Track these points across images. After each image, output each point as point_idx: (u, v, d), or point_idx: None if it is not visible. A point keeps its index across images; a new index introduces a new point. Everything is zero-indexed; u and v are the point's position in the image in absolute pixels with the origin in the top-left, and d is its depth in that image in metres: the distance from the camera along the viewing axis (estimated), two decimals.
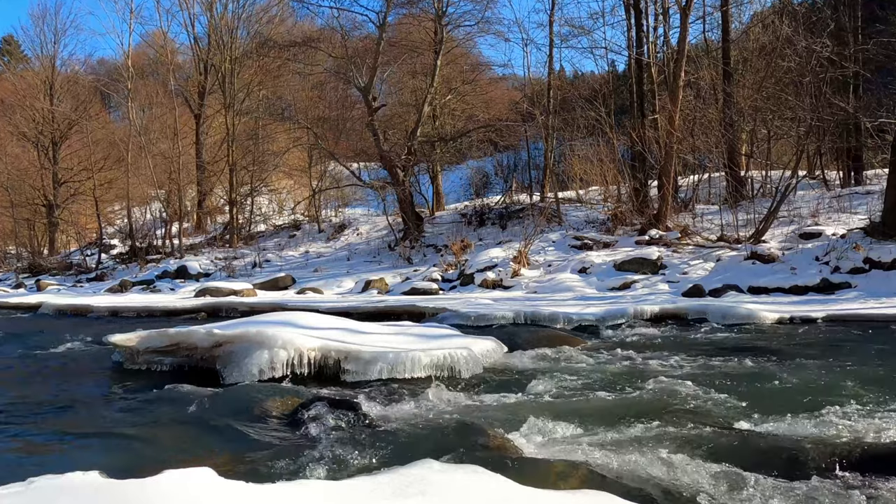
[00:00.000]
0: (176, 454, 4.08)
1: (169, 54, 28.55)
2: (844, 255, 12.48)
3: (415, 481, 3.03)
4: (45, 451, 4.45)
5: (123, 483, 2.74)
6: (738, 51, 20.42)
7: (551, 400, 5.33)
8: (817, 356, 6.73)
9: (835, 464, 3.66)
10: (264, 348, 6.24)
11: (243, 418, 4.90)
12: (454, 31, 22.45)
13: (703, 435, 4.23)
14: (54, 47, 31.73)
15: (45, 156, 30.02)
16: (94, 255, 26.51)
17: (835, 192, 17.81)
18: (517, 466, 3.66)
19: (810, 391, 5.29)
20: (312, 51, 23.71)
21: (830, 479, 3.54)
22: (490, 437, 4.18)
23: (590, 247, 16.64)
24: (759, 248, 13.68)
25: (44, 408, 5.62)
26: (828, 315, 9.45)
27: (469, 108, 25.11)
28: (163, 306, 13.92)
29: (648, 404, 4.99)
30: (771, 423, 4.47)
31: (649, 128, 18.09)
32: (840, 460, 3.69)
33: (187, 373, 6.57)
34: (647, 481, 3.55)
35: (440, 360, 6.26)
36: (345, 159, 24.37)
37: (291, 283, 18.06)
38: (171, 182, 26.25)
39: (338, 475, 3.43)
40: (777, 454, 3.82)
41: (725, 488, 3.45)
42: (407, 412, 5.07)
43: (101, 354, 7.97)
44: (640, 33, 20.10)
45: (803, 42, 16.26)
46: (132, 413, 5.34)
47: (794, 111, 17.18)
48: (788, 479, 3.53)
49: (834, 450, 3.83)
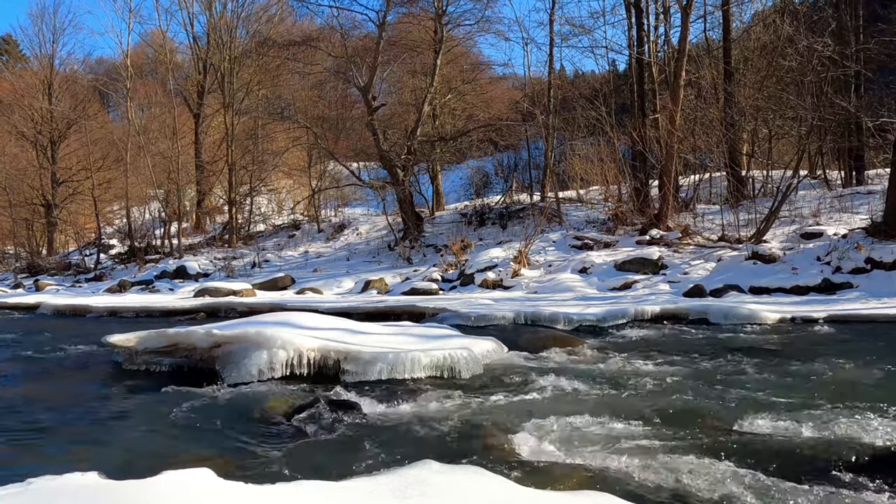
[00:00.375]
0: (175, 455, 4.08)
1: (168, 53, 28.55)
2: (846, 255, 12.48)
3: (414, 482, 3.03)
4: (44, 452, 4.45)
5: (122, 484, 2.74)
6: (739, 50, 20.42)
7: (552, 401, 5.33)
8: (819, 357, 6.73)
9: (838, 466, 3.67)
10: (263, 349, 6.24)
11: (242, 419, 4.91)
12: (454, 30, 22.48)
13: (703, 436, 4.23)
14: (53, 46, 31.82)
15: (43, 155, 30.03)
16: (92, 255, 26.51)
17: (836, 192, 17.81)
18: (517, 467, 3.66)
19: (812, 392, 5.29)
20: (312, 50, 23.72)
21: (833, 481, 3.54)
22: (490, 438, 4.18)
23: (590, 247, 16.65)
24: (761, 248, 13.68)
25: (42, 408, 5.62)
26: (829, 315, 9.45)
27: (469, 107, 25.12)
28: (161, 306, 13.92)
29: (649, 405, 5.00)
30: (772, 425, 4.47)
31: (650, 127, 18.09)
32: (843, 462, 3.69)
33: (186, 373, 6.57)
34: (647, 482, 3.55)
35: (440, 360, 6.26)
36: (344, 159, 24.38)
37: (291, 283, 18.07)
38: (169, 182, 26.26)
39: (337, 476, 3.43)
40: (778, 456, 3.83)
41: (726, 490, 3.45)
42: (406, 413, 5.07)
43: (100, 355, 7.97)
44: (640, 32, 20.11)
45: (805, 41, 16.27)
46: (131, 414, 5.34)
47: (795, 110, 17.20)
48: (791, 480, 3.53)
49: (837, 452, 3.83)
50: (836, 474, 3.60)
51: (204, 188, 28.66)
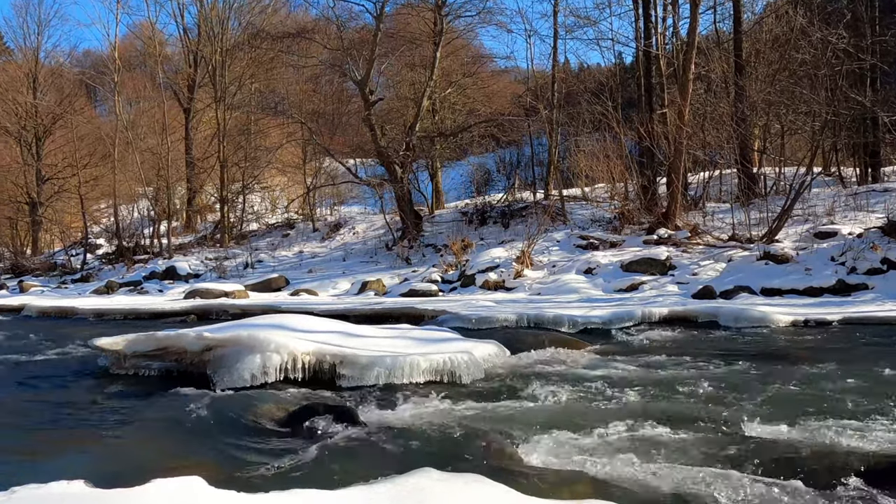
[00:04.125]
0: (164, 462, 4.08)
1: (157, 46, 28.54)
2: (861, 255, 12.50)
3: (413, 491, 3.03)
4: (28, 459, 4.45)
5: (109, 493, 2.74)
6: (750, 42, 20.42)
7: (555, 406, 5.33)
8: (833, 360, 6.73)
9: (853, 474, 3.66)
10: (256, 352, 6.25)
11: (235, 425, 4.91)
12: (454, 22, 22.49)
13: (713, 442, 4.24)
14: (38, 38, 31.81)
15: (28, 152, 30.02)
16: (79, 256, 26.51)
17: (851, 190, 17.81)
18: (520, 475, 3.66)
19: (826, 397, 5.29)
20: (307, 42, 23.76)
21: (848, 489, 3.54)
22: (492, 444, 4.18)
23: (596, 246, 16.65)
24: (773, 248, 13.69)
25: (26, 414, 5.62)
26: (844, 318, 9.44)
27: (470, 101, 25.14)
28: (151, 309, 13.93)
29: (656, 410, 5.00)
30: (784, 431, 4.47)
31: (658, 122, 18.10)
32: (858, 470, 3.69)
33: (176, 378, 6.57)
34: (654, 491, 3.55)
35: (440, 364, 6.26)
36: (340, 155, 24.38)
37: (285, 284, 18.08)
38: (159, 179, 26.26)
39: (332, 484, 3.43)
40: (790, 463, 3.83)
41: (735, 497, 3.46)
42: (405, 419, 5.07)
43: (87, 358, 7.97)
44: (648, 24, 20.11)
45: (818, 33, 16.28)
46: (119, 419, 5.34)
47: (808, 105, 17.21)
48: (805, 489, 3.53)
49: (850, 458, 3.83)
50: (851, 482, 3.60)
51: (195, 186, 28.66)
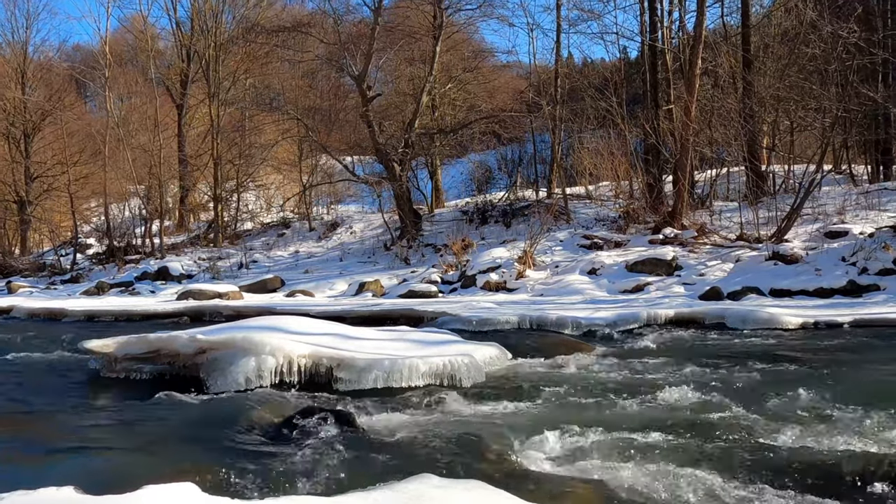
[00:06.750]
0: (156, 468, 4.08)
1: (149, 40, 28.54)
2: (873, 255, 12.50)
3: (412, 497, 3.03)
4: (16, 465, 4.45)
5: (100, 499, 2.74)
6: (758, 36, 20.42)
7: (558, 410, 5.33)
8: (844, 364, 6.73)
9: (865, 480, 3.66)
10: (251, 355, 6.25)
11: (229, 430, 4.90)
12: (455, 15, 22.50)
13: (719, 448, 4.24)
14: (26, 32, 31.78)
15: (16, 149, 30.01)
16: (68, 256, 26.53)
17: (862, 188, 17.81)
18: (522, 481, 3.66)
19: (837, 402, 5.29)
20: (303, 36, 23.79)
21: (857, 495, 3.54)
22: (493, 450, 4.18)
23: (600, 246, 16.66)
24: (782, 248, 13.69)
25: (15, 418, 5.62)
26: (855, 320, 9.45)
27: (471, 97, 25.13)
28: (142, 310, 13.94)
29: (662, 415, 5.00)
30: (794, 437, 4.47)
31: (664, 119, 18.11)
32: (871, 477, 3.69)
33: (169, 381, 6.57)
34: (658, 497, 3.55)
35: (439, 367, 6.26)
36: (337, 153, 24.40)
37: (280, 285, 18.10)
38: (151, 177, 26.25)
39: (329, 491, 3.44)
40: (799, 470, 3.83)
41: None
42: (404, 423, 5.07)
43: (77, 361, 7.97)
44: (653, 17, 20.13)
45: (829, 27, 16.26)
46: (109, 424, 5.33)
47: (818, 101, 17.19)
48: (815, 496, 3.53)
49: (863, 465, 3.83)
50: (863, 489, 3.60)
51: (187, 184, 28.65)
